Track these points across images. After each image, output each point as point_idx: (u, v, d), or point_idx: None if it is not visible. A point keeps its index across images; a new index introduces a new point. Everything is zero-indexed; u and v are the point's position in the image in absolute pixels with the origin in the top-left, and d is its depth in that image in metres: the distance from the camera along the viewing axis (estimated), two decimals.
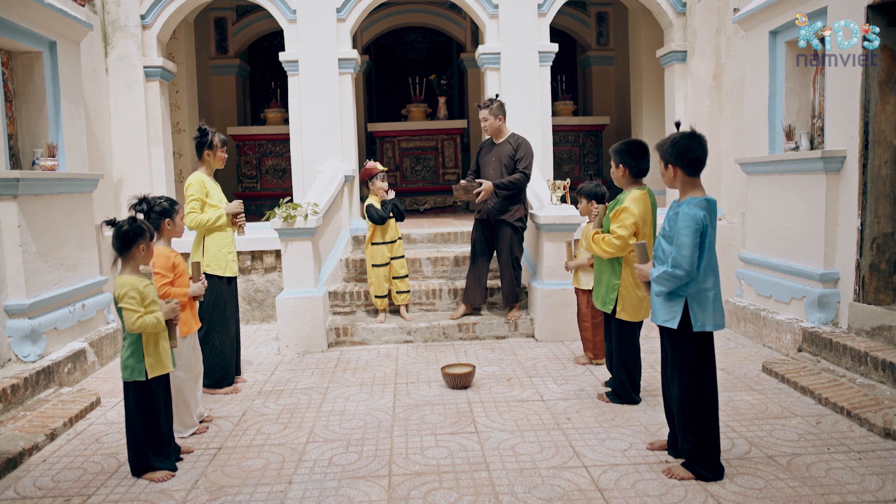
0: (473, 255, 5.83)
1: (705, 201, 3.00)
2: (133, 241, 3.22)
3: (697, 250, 2.92)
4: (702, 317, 3.00)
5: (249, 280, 6.78)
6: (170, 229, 3.77)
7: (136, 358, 3.22)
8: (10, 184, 4.46)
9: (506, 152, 5.62)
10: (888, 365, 3.99)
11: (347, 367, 5.09)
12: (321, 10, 6.84)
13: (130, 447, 3.30)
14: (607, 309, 4.05)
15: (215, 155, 4.63)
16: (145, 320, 3.17)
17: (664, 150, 3.07)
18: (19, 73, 5.13)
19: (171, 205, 3.78)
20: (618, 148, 3.89)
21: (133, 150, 6.78)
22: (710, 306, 3.00)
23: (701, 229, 2.92)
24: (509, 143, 5.66)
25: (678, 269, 2.93)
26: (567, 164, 10.00)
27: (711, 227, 2.99)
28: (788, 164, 5.14)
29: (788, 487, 2.99)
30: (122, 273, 3.24)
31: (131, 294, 3.15)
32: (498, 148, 5.68)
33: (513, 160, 5.58)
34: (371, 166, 5.84)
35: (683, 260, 2.91)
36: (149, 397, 3.26)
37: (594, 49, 10.63)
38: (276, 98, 10.31)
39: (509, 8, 6.92)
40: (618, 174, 3.90)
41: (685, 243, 2.90)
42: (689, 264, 2.91)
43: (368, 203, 5.76)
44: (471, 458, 3.39)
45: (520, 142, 5.64)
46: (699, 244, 2.93)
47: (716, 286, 3.02)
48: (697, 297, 2.99)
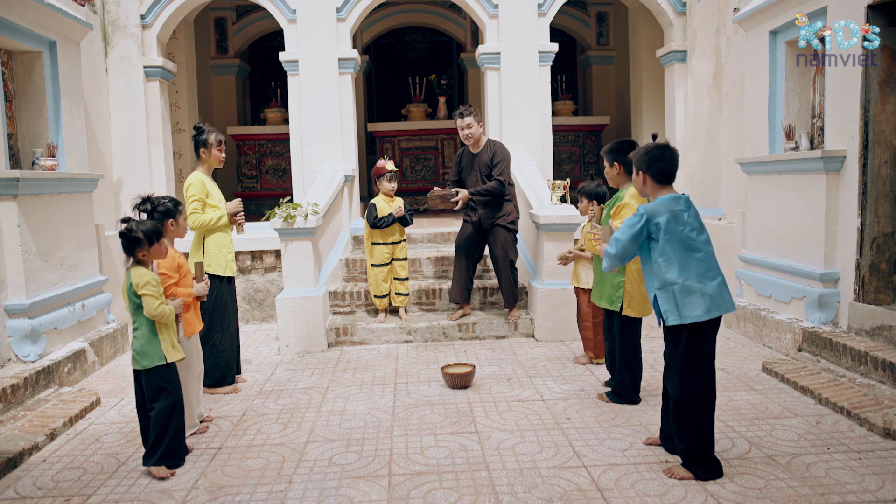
0: (459, 256, 5.79)
1: (669, 200, 3.10)
2: (132, 249, 3.30)
3: (634, 243, 3.08)
4: (670, 311, 3.05)
5: (249, 280, 6.79)
6: (173, 230, 3.78)
7: (154, 345, 3.30)
8: (10, 184, 4.46)
9: (485, 160, 5.58)
10: (888, 365, 4.00)
11: (347, 367, 5.09)
12: (321, 9, 6.84)
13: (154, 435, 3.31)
14: (615, 307, 4.06)
15: (210, 153, 4.61)
16: (164, 308, 3.30)
17: (637, 157, 3.24)
18: (19, 73, 5.13)
19: (174, 205, 3.79)
20: (610, 148, 4.06)
21: (133, 150, 6.78)
22: (675, 299, 3.03)
23: (644, 226, 3.06)
24: (487, 151, 5.61)
25: (610, 248, 3.16)
26: (567, 163, 10.00)
27: (676, 223, 3.03)
28: (788, 163, 5.14)
29: (788, 487, 3.00)
30: (136, 267, 3.32)
31: (152, 283, 3.28)
32: (478, 157, 5.65)
33: (492, 168, 5.54)
34: (380, 165, 5.79)
35: (616, 243, 3.12)
36: (173, 380, 3.36)
37: (594, 49, 10.63)
38: (276, 98, 10.31)
39: (509, 8, 6.92)
40: (612, 173, 4.06)
41: (622, 229, 3.11)
42: (617, 248, 3.10)
43: (372, 202, 5.76)
44: (471, 458, 3.40)
45: (495, 148, 5.57)
46: (642, 239, 3.08)
47: (685, 280, 3.02)
48: (663, 291, 3.07)
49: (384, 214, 5.69)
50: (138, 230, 3.29)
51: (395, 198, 5.85)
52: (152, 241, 3.32)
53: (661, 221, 3.03)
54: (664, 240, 3.03)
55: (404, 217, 5.75)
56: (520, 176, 6.45)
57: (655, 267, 3.09)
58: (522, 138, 6.98)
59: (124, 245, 3.30)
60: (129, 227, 3.29)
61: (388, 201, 5.79)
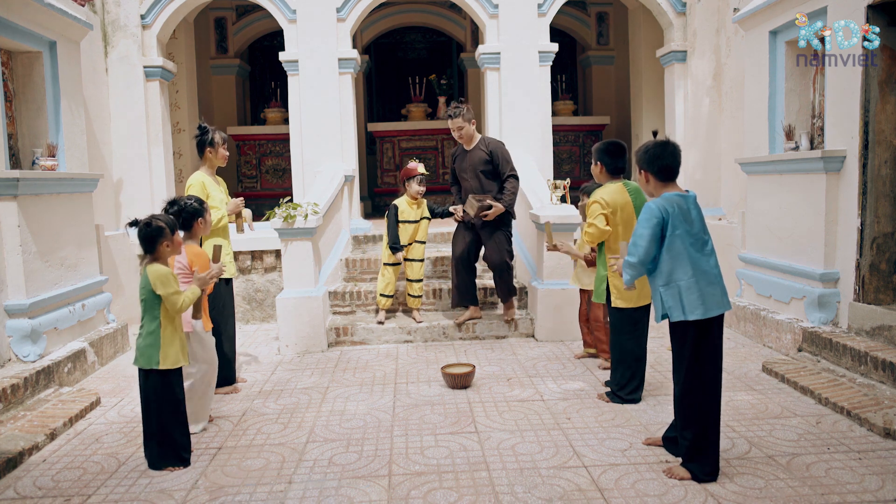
0: (458, 267, 5.64)
1: (676, 196, 3.10)
2: (156, 239, 3.33)
3: (654, 241, 3.04)
4: (673, 307, 3.04)
5: (249, 280, 6.79)
6: (202, 227, 3.92)
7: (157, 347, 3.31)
8: (10, 184, 4.46)
9: (479, 158, 5.43)
10: (888, 365, 4.00)
11: (347, 367, 5.09)
12: (321, 9, 6.85)
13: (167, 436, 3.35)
14: (602, 300, 4.14)
15: (217, 153, 4.65)
16: (187, 296, 3.34)
17: (638, 156, 3.24)
18: (19, 73, 5.13)
19: (200, 204, 3.93)
20: (598, 147, 4.23)
21: (133, 150, 6.78)
22: (679, 297, 3.02)
23: (660, 220, 3.03)
24: (480, 148, 5.45)
25: (631, 257, 3.09)
26: (567, 163, 10.00)
27: (681, 219, 3.04)
28: (788, 163, 5.14)
29: (788, 487, 2.99)
30: (150, 264, 3.35)
31: (170, 278, 3.31)
32: (471, 155, 5.49)
33: (489, 165, 5.40)
34: (412, 167, 5.74)
35: (635, 248, 3.07)
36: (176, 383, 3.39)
37: (594, 49, 10.63)
38: (276, 98, 10.31)
39: (509, 8, 6.92)
40: (596, 171, 4.26)
41: (639, 233, 3.07)
42: (639, 252, 3.07)
43: (394, 203, 5.74)
44: (471, 458, 3.40)
45: (492, 147, 5.42)
46: (659, 235, 3.04)
47: (691, 276, 3.02)
48: (668, 288, 3.06)
49: (407, 218, 5.70)
50: (160, 220, 3.35)
51: (422, 200, 5.82)
52: (174, 230, 3.40)
53: (670, 217, 3.03)
54: (672, 236, 3.03)
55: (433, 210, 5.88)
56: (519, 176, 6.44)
57: (661, 263, 3.08)
58: (522, 138, 6.99)
59: (146, 240, 3.33)
60: (149, 219, 3.35)
61: (412, 204, 5.76)
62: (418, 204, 5.78)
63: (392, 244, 5.68)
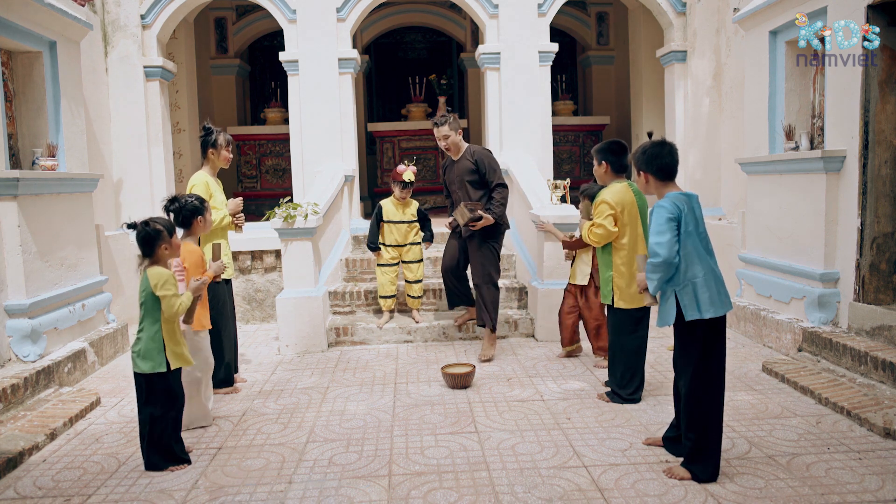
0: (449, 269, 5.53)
1: (681, 195, 3.11)
2: (155, 242, 3.32)
3: (675, 236, 3.00)
4: (689, 306, 3.03)
5: (249, 280, 6.79)
6: (202, 226, 3.92)
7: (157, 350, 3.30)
8: (10, 184, 4.46)
9: (465, 168, 5.26)
10: (888, 365, 4.00)
11: (347, 367, 5.09)
12: (321, 9, 6.85)
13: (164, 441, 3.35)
14: (609, 300, 4.10)
15: (220, 154, 4.65)
16: (183, 302, 3.32)
17: (636, 157, 3.23)
18: (19, 73, 5.13)
19: (200, 202, 3.92)
20: (600, 147, 4.18)
21: (133, 150, 6.78)
22: (695, 295, 3.02)
23: (674, 217, 3.01)
24: (466, 158, 5.29)
25: (656, 257, 3.02)
26: (567, 163, 10.00)
27: (692, 217, 3.05)
28: (788, 163, 5.14)
29: (788, 487, 3.00)
30: (150, 266, 3.34)
31: (171, 281, 3.30)
32: (458, 165, 5.34)
33: (475, 175, 5.23)
34: (399, 170, 5.71)
35: (658, 247, 3.00)
36: (174, 386, 3.38)
37: (594, 49, 10.63)
38: (276, 98, 10.31)
39: (509, 8, 6.92)
40: (600, 171, 4.18)
41: (658, 230, 3.02)
42: (664, 250, 2.99)
43: (380, 203, 5.79)
44: (471, 458, 3.40)
45: (477, 156, 5.24)
46: (677, 231, 3.02)
47: (704, 275, 3.03)
48: (683, 287, 3.05)
49: (391, 218, 5.72)
50: (157, 223, 3.34)
51: (410, 201, 5.81)
52: (171, 232, 3.38)
53: (682, 214, 3.03)
54: (686, 233, 3.03)
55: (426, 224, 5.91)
56: (519, 176, 6.44)
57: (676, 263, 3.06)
58: (522, 138, 6.99)
59: (145, 243, 3.31)
60: (147, 221, 3.34)
61: (398, 205, 5.76)
62: (405, 205, 5.78)
63: (369, 243, 5.76)
